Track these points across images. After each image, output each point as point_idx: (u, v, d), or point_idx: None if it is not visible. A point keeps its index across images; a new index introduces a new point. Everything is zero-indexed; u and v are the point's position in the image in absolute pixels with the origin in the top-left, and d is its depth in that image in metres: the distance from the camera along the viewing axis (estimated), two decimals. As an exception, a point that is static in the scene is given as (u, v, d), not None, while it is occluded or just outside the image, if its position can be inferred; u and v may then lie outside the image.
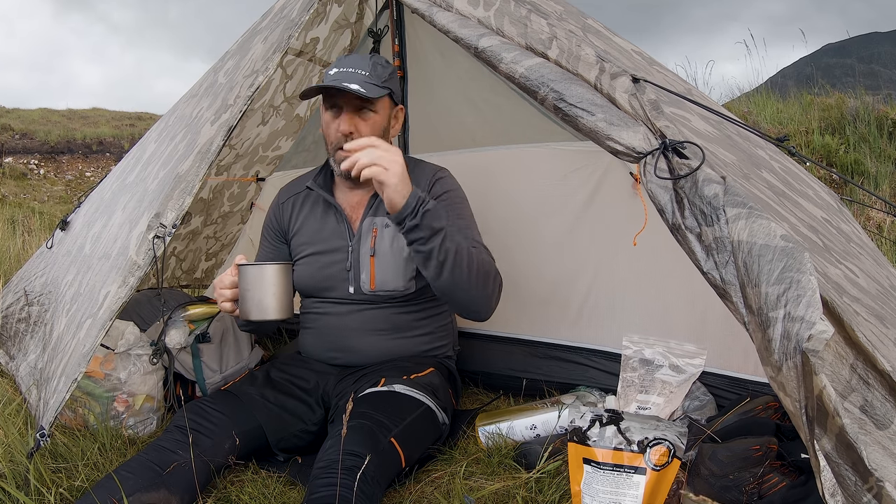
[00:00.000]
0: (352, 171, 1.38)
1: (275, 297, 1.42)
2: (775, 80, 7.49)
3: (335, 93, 1.61)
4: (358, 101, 1.60)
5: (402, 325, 1.72)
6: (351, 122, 1.61)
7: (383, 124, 1.66)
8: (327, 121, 1.66)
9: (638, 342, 1.79)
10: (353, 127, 1.61)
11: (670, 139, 1.00)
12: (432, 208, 1.42)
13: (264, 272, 1.42)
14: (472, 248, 1.52)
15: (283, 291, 1.44)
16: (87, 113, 13.10)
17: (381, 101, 1.64)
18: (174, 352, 1.98)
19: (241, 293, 1.43)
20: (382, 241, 1.68)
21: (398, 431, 1.42)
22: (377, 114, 1.64)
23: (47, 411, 1.44)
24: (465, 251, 1.48)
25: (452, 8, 1.36)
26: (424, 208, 1.40)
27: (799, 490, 1.13)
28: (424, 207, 1.41)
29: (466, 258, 1.48)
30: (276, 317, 1.43)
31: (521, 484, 1.45)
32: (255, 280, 1.42)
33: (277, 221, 1.84)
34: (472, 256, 1.50)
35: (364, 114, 1.62)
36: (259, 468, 1.58)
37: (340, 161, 1.63)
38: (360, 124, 1.62)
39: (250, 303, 1.42)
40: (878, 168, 5.04)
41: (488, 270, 1.56)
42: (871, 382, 0.85)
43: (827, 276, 0.97)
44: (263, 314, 1.42)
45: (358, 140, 1.42)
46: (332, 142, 1.66)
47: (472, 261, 1.50)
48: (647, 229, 1.90)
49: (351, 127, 1.61)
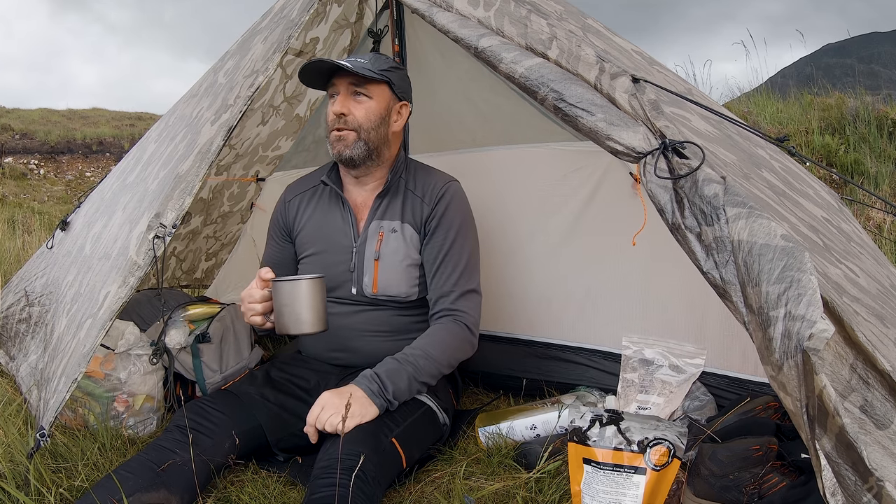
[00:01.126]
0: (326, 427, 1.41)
1: (311, 311, 1.42)
2: (775, 80, 7.49)
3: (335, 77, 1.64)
4: (352, 84, 1.62)
5: (404, 327, 1.72)
6: (344, 104, 1.63)
7: (380, 113, 1.66)
8: (328, 109, 1.68)
9: (638, 342, 1.79)
10: (346, 108, 1.63)
11: (670, 139, 1.00)
12: (397, 390, 1.49)
13: (299, 287, 1.41)
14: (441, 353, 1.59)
15: (319, 304, 1.43)
16: (87, 113, 13.10)
17: (378, 89, 1.65)
18: (174, 352, 1.98)
19: (277, 308, 1.43)
20: (388, 246, 1.68)
21: (399, 431, 1.42)
22: (372, 100, 1.64)
23: (47, 411, 1.44)
24: (436, 368, 1.58)
25: (452, 8, 1.36)
26: (393, 400, 1.49)
27: (799, 490, 1.13)
28: (393, 400, 1.49)
29: (438, 370, 1.59)
30: (313, 330, 1.42)
31: (521, 484, 1.45)
32: (291, 295, 1.41)
33: (283, 219, 1.85)
34: (441, 363, 1.59)
35: (358, 97, 1.64)
36: (259, 468, 1.58)
37: (333, 142, 1.66)
38: (354, 107, 1.64)
39: (288, 318, 1.42)
40: (878, 168, 5.04)
41: (457, 356, 1.65)
42: (871, 382, 0.85)
43: (827, 275, 0.97)
44: (300, 328, 1.42)
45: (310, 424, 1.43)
46: (328, 125, 1.67)
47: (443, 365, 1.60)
48: (647, 229, 1.90)
49: (344, 108, 1.62)
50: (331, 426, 1.38)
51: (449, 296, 1.66)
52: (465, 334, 1.65)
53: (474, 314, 1.68)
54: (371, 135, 1.64)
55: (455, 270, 1.68)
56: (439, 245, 1.69)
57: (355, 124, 1.63)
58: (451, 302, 1.66)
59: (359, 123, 1.63)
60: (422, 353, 1.56)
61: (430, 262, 1.70)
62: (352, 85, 1.63)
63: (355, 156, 1.65)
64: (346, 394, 1.43)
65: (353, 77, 1.61)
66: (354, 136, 1.64)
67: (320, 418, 1.41)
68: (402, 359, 1.54)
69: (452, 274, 1.67)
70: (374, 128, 1.65)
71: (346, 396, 1.40)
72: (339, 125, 1.63)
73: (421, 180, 1.75)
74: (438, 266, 1.68)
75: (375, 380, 1.48)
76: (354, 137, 1.64)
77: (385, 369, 1.51)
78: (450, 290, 1.66)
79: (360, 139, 1.64)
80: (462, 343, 1.64)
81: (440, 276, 1.67)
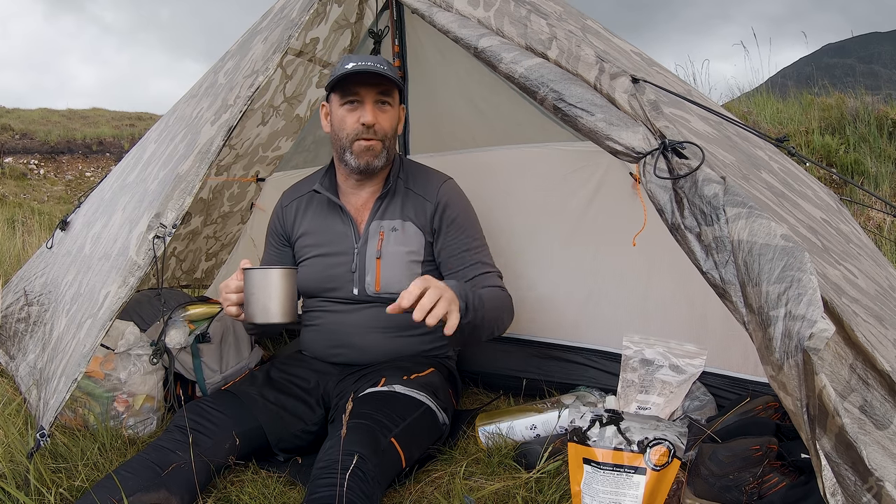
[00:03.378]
0: (427, 319, 1.29)
1: (279, 301, 1.43)
2: (775, 80, 7.49)
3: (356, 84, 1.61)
4: (378, 93, 1.62)
5: (404, 325, 1.72)
6: (375, 114, 1.62)
7: (397, 119, 1.69)
8: (342, 115, 1.65)
9: (638, 342, 1.79)
10: (376, 118, 1.62)
11: (670, 139, 1.00)
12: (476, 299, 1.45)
13: (269, 276, 1.43)
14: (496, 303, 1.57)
15: (288, 295, 1.45)
16: (86, 113, 13.10)
17: (395, 95, 1.67)
18: (174, 352, 1.98)
19: (246, 297, 1.44)
20: (389, 244, 1.69)
21: (398, 431, 1.42)
22: (392, 107, 1.66)
23: (47, 411, 1.44)
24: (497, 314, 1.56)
25: (452, 8, 1.36)
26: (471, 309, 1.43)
27: (799, 490, 1.13)
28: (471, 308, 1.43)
29: (495, 320, 1.57)
30: (279, 320, 1.44)
31: (521, 484, 1.45)
32: (260, 284, 1.43)
33: (281, 225, 1.85)
34: (496, 314, 1.57)
35: (383, 107, 1.64)
36: (259, 468, 1.58)
37: (359, 153, 1.63)
38: (380, 116, 1.64)
39: (255, 306, 1.43)
40: (878, 168, 5.04)
41: (504, 315, 1.63)
42: (871, 383, 0.85)
43: (826, 276, 0.97)
44: (267, 317, 1.43)
45: (412, 291, 1.30)
46: (348, 133, 1.64)
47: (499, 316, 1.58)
48: (647, 229, 1.90)
49: (374, 118, 1.61)
50: (434, 318, 1.28)
51: (486, 276, 1.68)
52: (510, 303, 1.67)
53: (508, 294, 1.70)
54: (391, 143, 1.67)
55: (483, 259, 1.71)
56: (461, 242, 1.71)
57: (382, 134, 1.63)
58: (491, 281, 1.67)
59: (385, 133, 1.64)
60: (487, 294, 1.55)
61: (452, 256, 1.71)
62: (379, 94, 1.61)
63: (381, 165, 1.66)
64: (439, 285, 1.33)
65: (381, 85, 1.60)
66: (380, 146, 1.64)
67: (423, 305, 1.28)
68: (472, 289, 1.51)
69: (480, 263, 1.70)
70: (393, 136, 1.68)
71: (441, 288, 1.32)
72: (368, 135, 1.62)
73: (420, 179, 1.76)
74: (467, 261, 1.70)
75: (463, 293, 1.41)
76: (380, 147, 1.64)
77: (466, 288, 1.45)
78: (485, 272, 1.68)
79: (384, 148, 1.65)
80: (510, 309, 1.66)
81: (471, 268, 1.69)
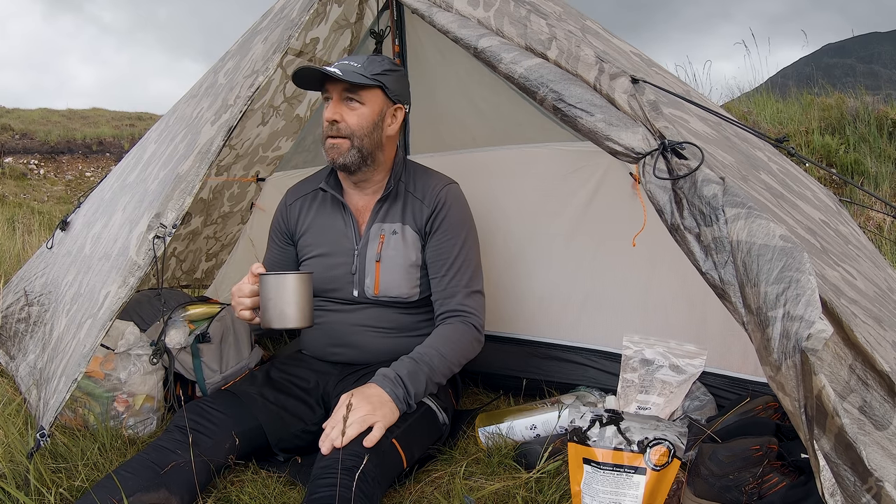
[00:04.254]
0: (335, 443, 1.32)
1: (296, 306, 1.42)
2: (775, 80, 7.49)
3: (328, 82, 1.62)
4: (344, 90, 1.61)
5: (405, 325, 1.72)
6: (336, 111, 1.61)
7: (373, 118, 1.64)
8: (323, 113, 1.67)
9: (638, 342, 1.79)
10: (338, 115, 1.61)
11: (669, 140, 1.00)
12: (417, 393, 1.49)
13: (286, 282, 1.42)
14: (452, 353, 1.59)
15: (305, 300, 1.44)
16: (86, 113, 13.09)
17: (371, 94, 1.63)
18: (174, 352, 1.98)
19: (263, 302, 1.43)
20: (389, 247, 1.68)
21: (399, 432, 1.42)
22: (365, 106, 1.62)
23: (47, 411, 1.44)
24: (447, 368, 1.58)
25: (452, 8, 1.36)
26: (413, 403, 1.49)
27: (799, 490, 1.13)
28: (412, 403, 1.49)
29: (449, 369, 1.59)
30: (296, 325, 1.43)
31: (521, 484, 1.45)
32: (277, 289, 1.42)
33: (285, 223, 1.85)
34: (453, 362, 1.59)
35: (350, 104, 1.62)
36: (259, 468, 1.58)
37: (328, 149, 1.65)
38: (347, 113, 1.62)
39: (272, 312, 1.42)
40: (878, 168, 5.04)
41: (461, 358, 1.64)
42: (870, 383, 0.85)
43: (825, 277, 0.97)
44: (284, 323, 1.43)
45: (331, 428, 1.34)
46: (323, 131, 1.66)
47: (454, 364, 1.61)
48: (647, 229, 1.90)
49: (336, 115, 1.61)
50: (348, 438, 1.32)
51: (455, 296, 1.67)
52: (474, 334, 1.66)
53: (481, 314, 1.69)
54: (364, 141, 1.63)
55: (460, 272, 1.68)
56: (443, 247, 1.69)
57: (348, 131, 1.61)
58: (458, 303, 1.66)
59: (351, 131, 1.62)
60: (436, 353, 1.56)
61: (434, 263, 1.70)
62: (344, 91, 1.61)
63: (349, 163, 1.64)
64: (373, 398, 1.41)
65: (345, 83, 1.59)
66: (348, 144, 1.62)
67: (331, 437, 1.33)
68: (419, 359, 1.54)
69: (458, 275, 1.68)
70: (366, 134, 1.63)
71: (374, 401, 1.40)
72: (332, 132, 1.62)
73: (421, 183, 1.75)
74: (443, 267, 1.68)
75: (400, 383, 1.47)
76: (348, 145, 1.62)
77: (406, 371, 1.50)
78: (456, 291, 1.67)
79: (353, 146, 1.62)
80: (471, 342, 1.65)
81: (446, 278, 1.68)
